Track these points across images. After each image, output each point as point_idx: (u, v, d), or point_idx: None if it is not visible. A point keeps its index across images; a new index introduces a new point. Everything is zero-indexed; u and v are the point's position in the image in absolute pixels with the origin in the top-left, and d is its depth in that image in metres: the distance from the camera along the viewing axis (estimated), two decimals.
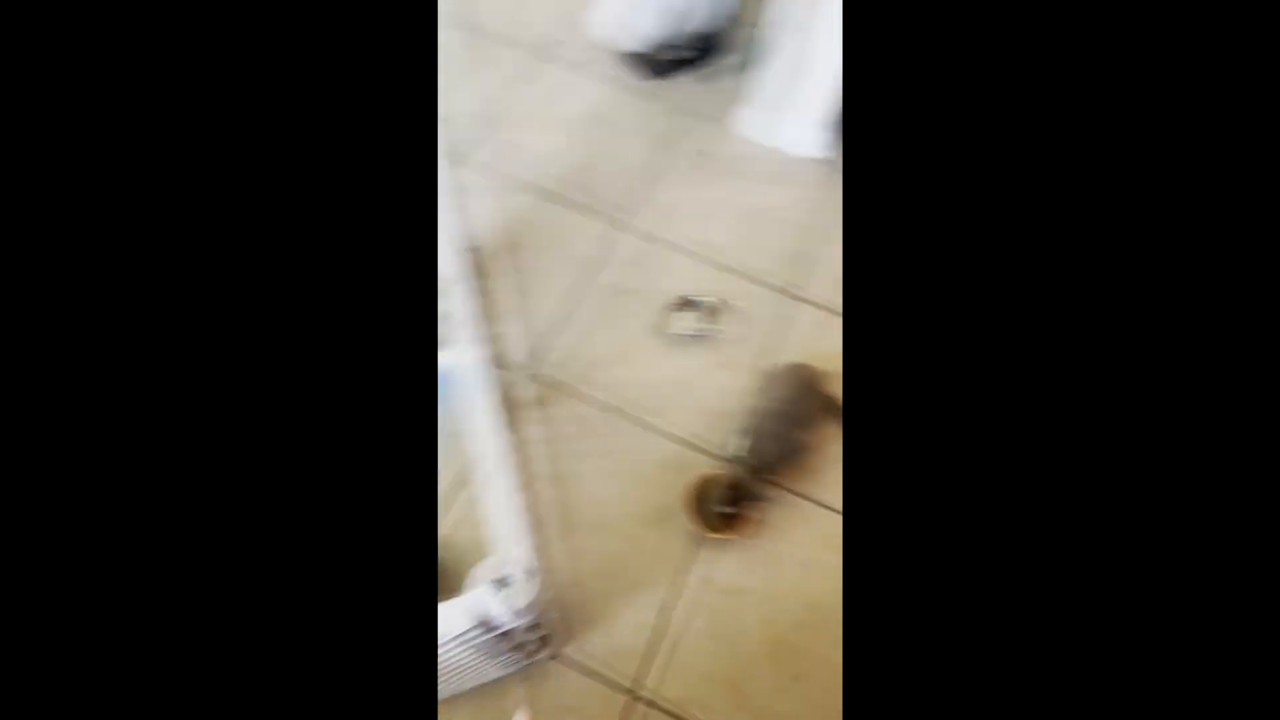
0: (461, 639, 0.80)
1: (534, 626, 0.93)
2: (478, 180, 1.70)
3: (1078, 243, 0.34)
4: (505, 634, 0.85)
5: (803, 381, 1.35)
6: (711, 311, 1.54)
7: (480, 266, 1.57)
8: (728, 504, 1.26)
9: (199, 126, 0.28)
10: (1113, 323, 0.33)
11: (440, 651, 0.81)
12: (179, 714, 0.25)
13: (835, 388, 1.41)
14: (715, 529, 1.29)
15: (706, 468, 1.36)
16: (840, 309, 1.61)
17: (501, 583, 0.76)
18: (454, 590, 1.10)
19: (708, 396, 1.46)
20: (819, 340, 1.55)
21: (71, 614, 0.25)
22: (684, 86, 1.94)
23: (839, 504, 1.36)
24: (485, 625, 0.80)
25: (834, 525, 1.34)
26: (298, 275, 0.29)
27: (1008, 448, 0.34)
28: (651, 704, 1.17)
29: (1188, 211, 0.33)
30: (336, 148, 0.30)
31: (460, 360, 1.11)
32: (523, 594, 0.78)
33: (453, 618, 0.75)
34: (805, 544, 1.32)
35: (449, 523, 1.29)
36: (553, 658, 1.18)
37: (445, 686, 1.02)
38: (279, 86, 0.29)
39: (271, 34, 0.29)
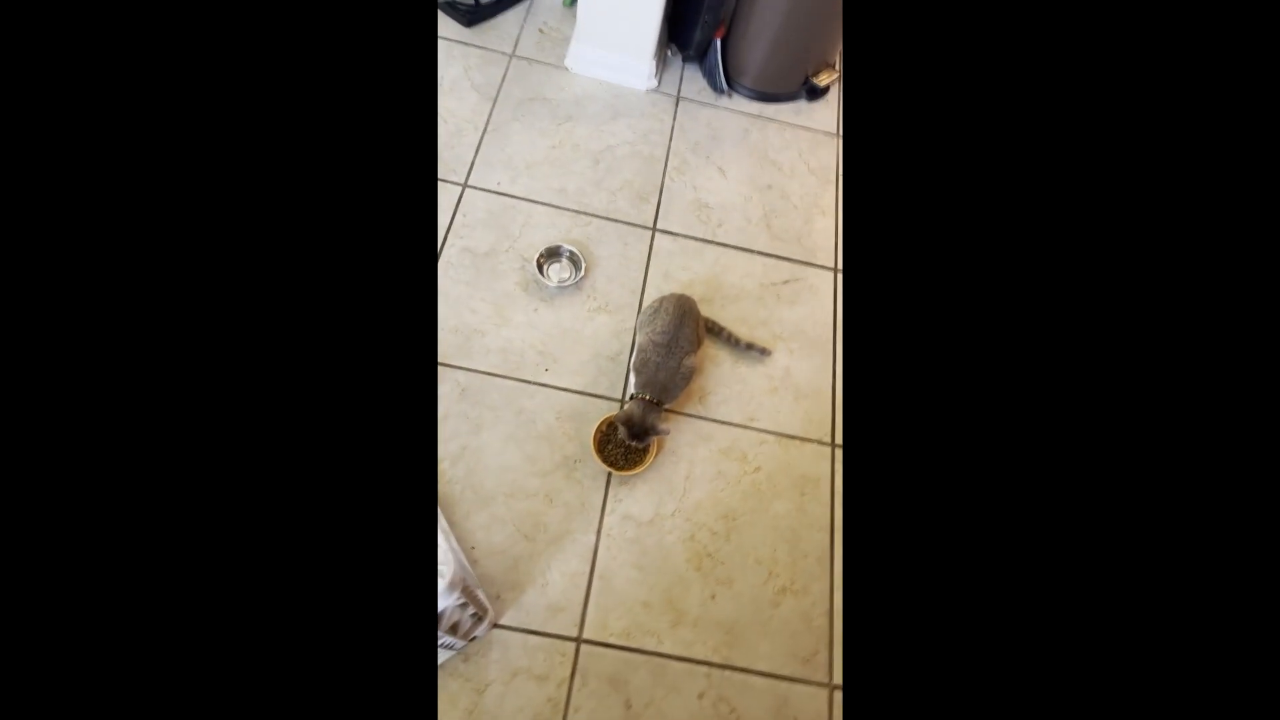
0: None
1: (464, 605, 0.93)
2: None
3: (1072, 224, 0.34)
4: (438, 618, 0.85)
5: (678, 310, 1.39)
6: (577, 258, 1.53)
7: None
8: (630, 440, 1.30)
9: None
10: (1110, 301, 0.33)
11: None
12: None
13: (696, 312, 1.47)
14: (623, 466, 1.33)
15: (606, 412, 1.39)
16: (689, 234, 1.65)
17: None
18: None
19: (591, 342, 1.47)
20: (683, 268, 1.60)
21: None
22: (501, 29, 1.86)
23: (733, 417, 1.44)
24: None
25: (730, 437, 1.42)
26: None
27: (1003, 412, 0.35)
28: (599, 644, 1.21)
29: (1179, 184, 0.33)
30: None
31: None
32: (443, 576, 0.78)
33: None
34: (709, 460, 1.39)
35: None
36: (494, 627, 1.19)
37: None
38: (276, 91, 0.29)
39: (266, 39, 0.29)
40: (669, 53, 1.90)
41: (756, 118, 1.87)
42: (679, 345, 1.35)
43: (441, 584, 0.75)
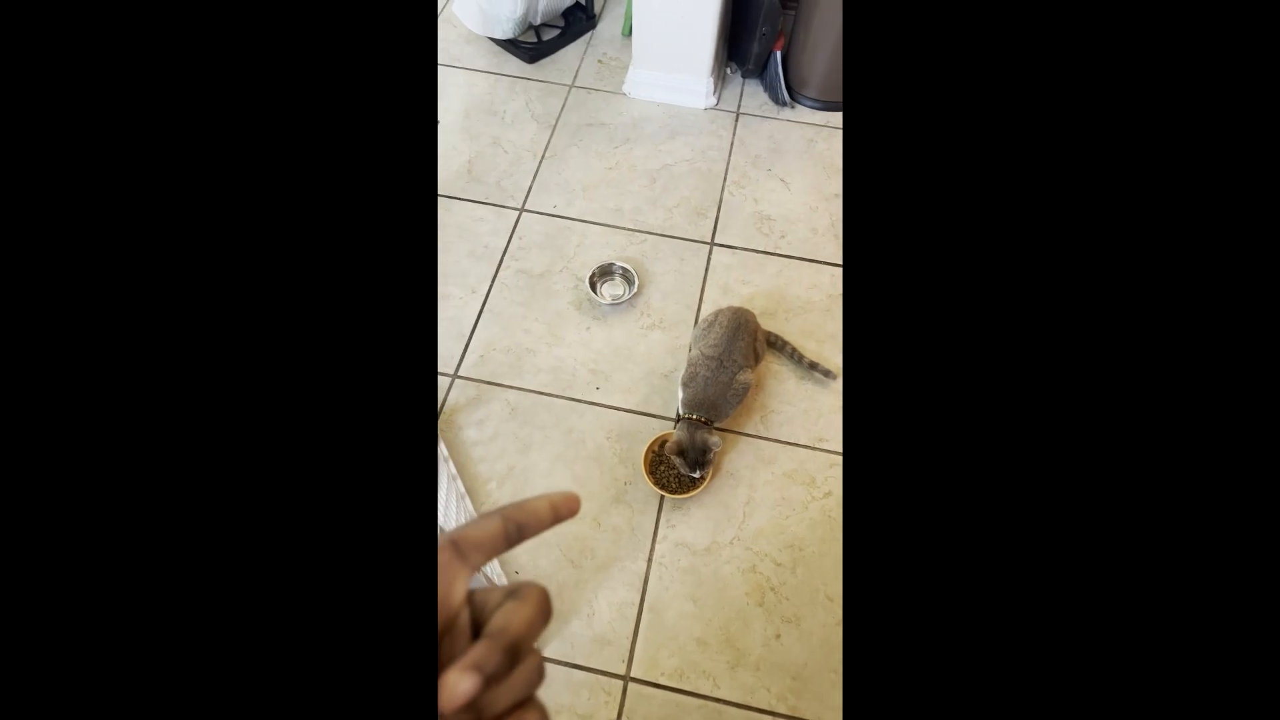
0: None
1: None
2: None
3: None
4: None
5: (732, 323, 1.30)
6: (630, 275, 1.49)
7: None
8: (688, 471, 1.21)
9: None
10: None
11: None
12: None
13: (752, 325, 1.37)
14: (676, 489, 1.24)
15: (658, 431, 1.31)
16: (749, 247, 1.57)
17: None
18: None
19: (644, 360, 1.41)
20: (743, 281, 1.51)
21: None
22: (562, 62, 1.89)
23: (798, 438, 1.32)
24: None
25: (796, 459, 1.30)
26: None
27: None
28: (648, 683, 1.10)
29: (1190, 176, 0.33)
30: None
31: None
32: None
33: None
34: (772, 484, 1.27)
35: None
36: None
37: None
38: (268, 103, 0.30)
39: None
40: (728, 70, 1.87)
41: (822, 127, 1.78)
42: (732, 359, 1.26)
43: None
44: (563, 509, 0.29)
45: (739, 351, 1.27)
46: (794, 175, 1.69)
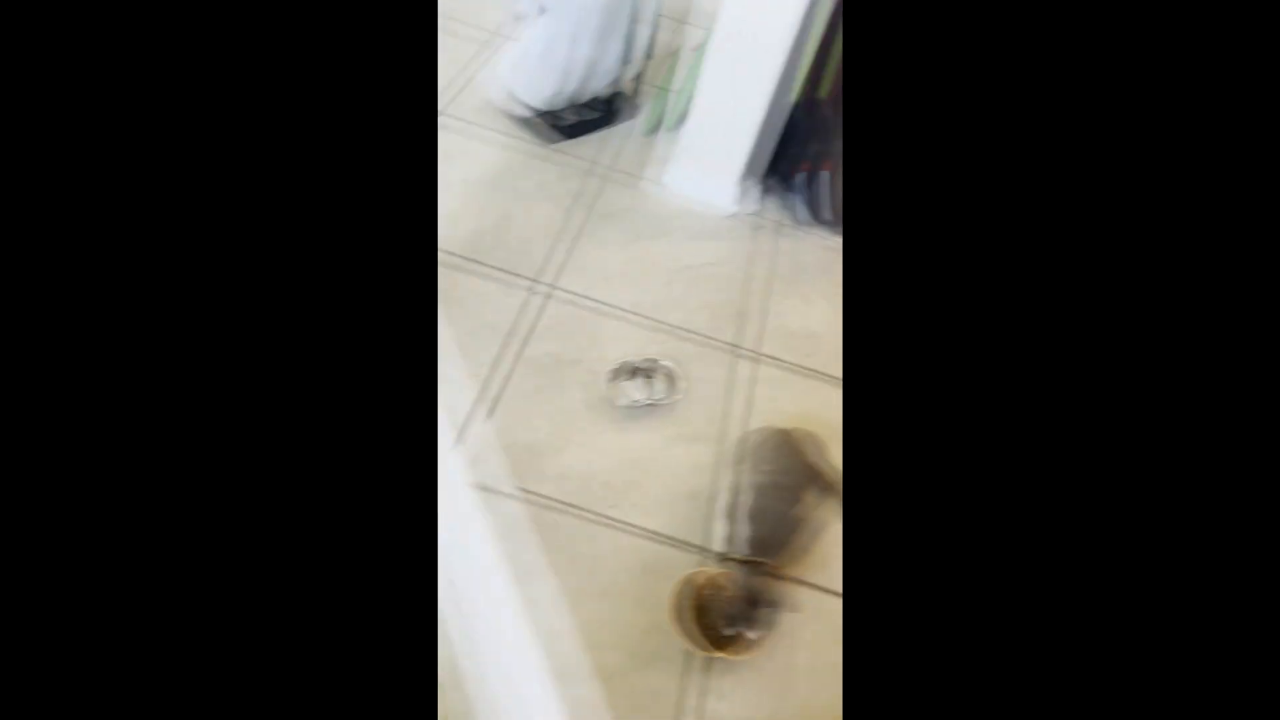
0: None
1: None
2: None
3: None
4: None
5: (786, 448, 1.12)
6: (660, 376, 1.30)
7: None
8: (732, 613, 0.97)
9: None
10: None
11: None
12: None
13: (823, 452, 1.19)
14: (718, 645, 0.99)
15: (690, 567, 1.07)
16: (790, 361, 1.43)
17: None
18: None
19: (673, 476, 1.19)
20: (785, 400, 1.35)
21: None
22: (589, 148, 1.79)
23: None
24: None
25: None
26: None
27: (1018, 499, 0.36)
28: None
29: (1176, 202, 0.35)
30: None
31: None
32: None
33: None
34: (826, 645, 1.04)
35: None
36: None
37: None
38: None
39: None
40: (760, 184, 1.81)
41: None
42: (786, 491, 1.06)
43: None
44: None
45: (794, 482, 1.07)
46: (819, 293, 1.59)
